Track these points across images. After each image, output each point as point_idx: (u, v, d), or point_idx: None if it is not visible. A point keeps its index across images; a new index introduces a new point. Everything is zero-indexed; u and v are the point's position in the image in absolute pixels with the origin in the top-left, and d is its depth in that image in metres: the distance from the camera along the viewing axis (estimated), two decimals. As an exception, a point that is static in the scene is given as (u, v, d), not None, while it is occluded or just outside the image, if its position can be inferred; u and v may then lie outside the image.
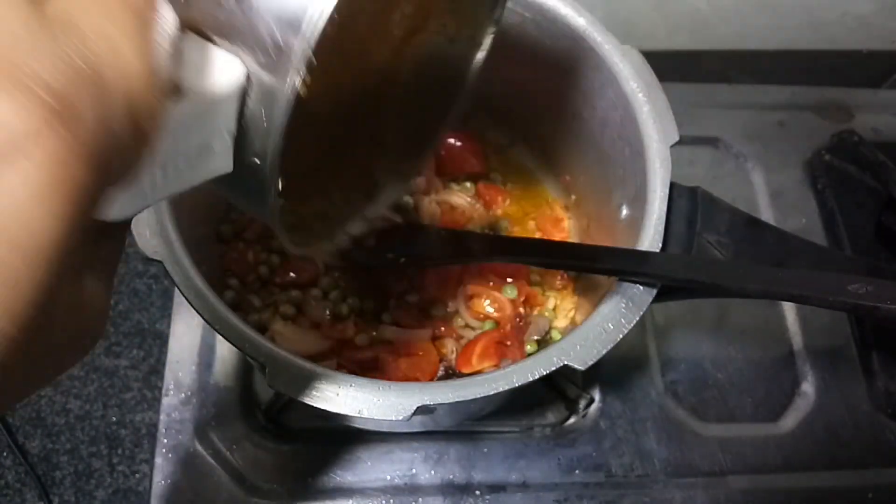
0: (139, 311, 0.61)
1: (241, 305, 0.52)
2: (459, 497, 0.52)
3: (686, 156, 0.68)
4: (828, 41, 0.74)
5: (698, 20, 0.70)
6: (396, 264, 0.53)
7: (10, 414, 0.57)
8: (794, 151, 0.70)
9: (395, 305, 0.54)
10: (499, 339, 0.52)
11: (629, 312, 0.37)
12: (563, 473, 0.54)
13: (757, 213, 0.66)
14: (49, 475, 0.55)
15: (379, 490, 0.52)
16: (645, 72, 0.43)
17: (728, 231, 0.40)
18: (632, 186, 0.44)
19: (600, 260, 0.42)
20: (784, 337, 0.61)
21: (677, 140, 0.41)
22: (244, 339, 0.35)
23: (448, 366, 0.53)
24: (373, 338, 0.52)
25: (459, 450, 0.54)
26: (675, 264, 0.39)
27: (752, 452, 0.56)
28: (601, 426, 0.56)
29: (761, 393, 0.59)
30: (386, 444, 0.54)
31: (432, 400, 0.34)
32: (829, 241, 0.65)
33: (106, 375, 0.59)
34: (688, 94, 0.71)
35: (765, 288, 0.35)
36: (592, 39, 0.44)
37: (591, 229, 0.55)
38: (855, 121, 0.72)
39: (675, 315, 0.61)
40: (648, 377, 0.58)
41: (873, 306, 0.32)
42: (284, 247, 0.25)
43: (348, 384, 0.34)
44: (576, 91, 0.49)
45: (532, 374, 0.35)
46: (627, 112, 0.43)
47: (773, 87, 0.74)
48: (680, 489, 0.54)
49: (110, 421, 0.57)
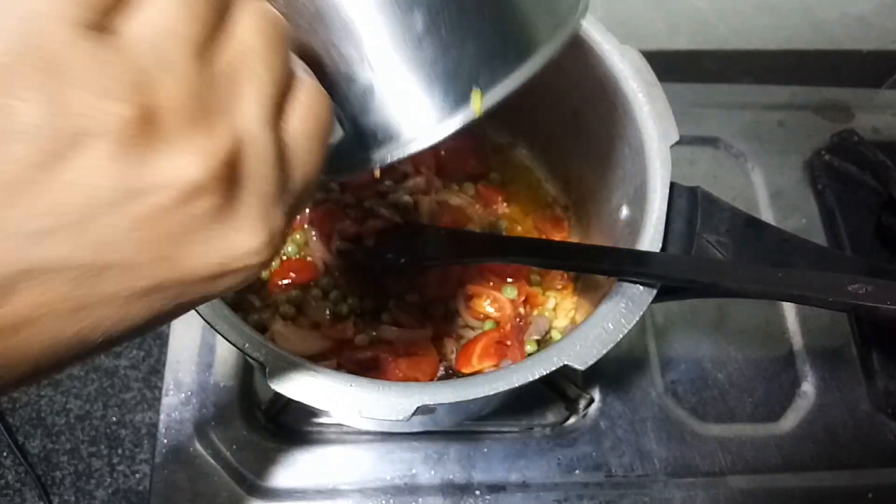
0: (139, 311, 0.62)
1: (241, 305, 0.52)
2: (459, 497, 0.52)
3: (686, 156, 0.68)
4: (828, 41, 0.74)
5: (698, 20, 0.70)
6: (396, 264, 0.53)
7: (10, 414, 0.57)
8: (794, 151, 0.70)
9: (395, 305, 0.54)
10: (499, 339, 0.52)
11: (629, 312, 0.37)
12: (563, 473, 0.54)
13: (757, 213, 0.66)
14: (49, 475, 0.55)
15: (379, 490, 0.52)
16: (645, 72, 0.43)
17: (728, 231, 0.40)
18: (632, 186, 0.44)
19: (600, 260, 0.42)
20: (784, 337, 0.61)
21: (677, 140, 0.41)
22: (244, 339, 0.35)
23: (448, 366, 0.53)
24: (373, 338, 0.52)
25: (459, 450, 0.54)
26: (675, 264, 0.39)
27: (752, 452, 0.56)
28: (601, 426, 0.56)
29: (761, 393, 0.59)
30: (386, 444, 0.54)
31: (432, 400, 0.34)
32: (829, 241, 0.65)
33: (106, 375, 0.59)
34: (688, 94, 0.71)
35: (765, 288, 0.35)
36: (592, 39, 0.44)
37: (591, 229, 0.55)
38: (855, 121, 0.72)
39: (675, 315, 0.61)
40: (648, 377, 0.58)
41: (873, 306, 0.32)
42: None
43: (348, 384, 0.34)
44: (576, 91, 0.48)
45: (532, 374, 0.35)
46: (627, 112, 0.43)
47: (773, 87, 0.74)
48: (680, 489, 0.54)
49: (110, 421, 0.57)
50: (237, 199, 0.19)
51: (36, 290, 0.16)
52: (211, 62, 0.18)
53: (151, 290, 0.18)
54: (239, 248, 0.19)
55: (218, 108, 0.18)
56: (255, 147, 0.19)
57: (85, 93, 0.16)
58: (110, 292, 0.18)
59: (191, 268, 0.19)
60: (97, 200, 0.16)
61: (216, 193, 0.18)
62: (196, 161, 0.17)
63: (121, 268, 0.17)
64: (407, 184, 0.58)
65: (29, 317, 0.17)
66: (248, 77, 0.19)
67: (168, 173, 0.17)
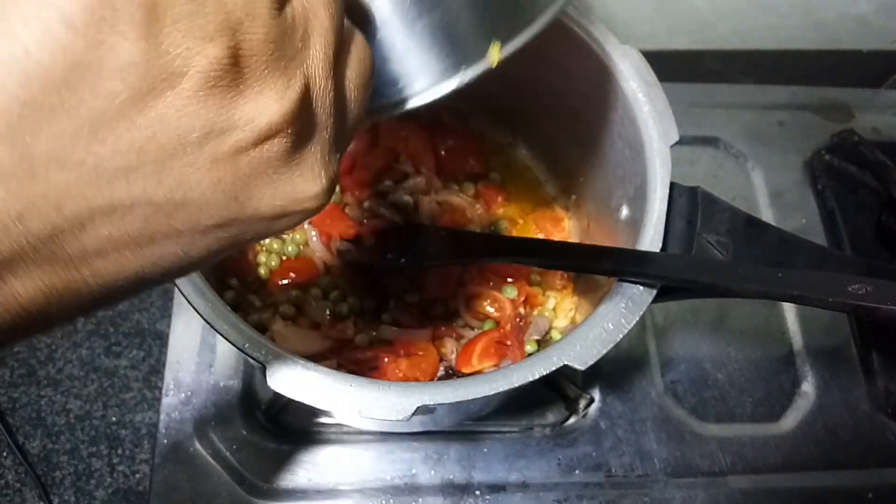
0: (139, 311, 0.61)
1: (241, 305, 0.52)
2: (459, 497, 0.52)
3: (686, 156, 0.68)
4: (828, 41, 0.74)
5: (698, 20, 0.70)
6: (396, 264, 0.53)
7: (10, 414, 0.57)
8: (794, 151, 0.70)
9: (395, 305, 0.54)
10: (499, 339, 0.52)
11: (629, 312, 0.37)
12: (563, 473, 0.54)
13: (757, 213, 0.66)
14: (49, 475, 0.55)
15: (379, 490, 0.52)
16: (645, 72, 0.43)
17: (728, 231, 0.40)
18: (632, 186, 0.44)
19: (600, 260, 0.42)
20: (784, 337, 0.61)
21: (677, 140, 0.41)
22: (244, 339, 0.35)
23: (448, 366, 0.53)
24: (373, 338, 0.52)
25: (459, 450, 0.54)
26: (675, 264, 0.39)
27: (752, 452, 0.56)
28: (601, 426, 0.56)
29: (761, 393, 0.59)
30: (386, 444, 0.54)
31: (432, 400, 0.34)
32: (829, 241, 0.65)
33: (106, 375, 0.59)
34: (688, 94, 0.71)
35: (765, 288, 0.35)
36: (592, 39, 0.44)
37: (591, 229, 0.55)
38: (855, 121, 0.72)
39: (675, 315, 0.61)
40: (648, 377, 0.58)
41: (873, 307, 0.32)
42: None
43: (348, 384, 0.34)
44: (576, 91, 0.48)
45: (532, 374, 0.35)
46: (627, 112, 0.43)
47: (773, 87, 0.74)
48: (680, 489, 0.54)
49: (110, 421, 0.57)
50: (304, 144, 0.20)
51: (110, 226, 0.17)
52: (285, 12, 0.19)
53: (216, 228, 0.19)
54: (302, 191, 0.20)
55: (292, 56, 0.19)
56: (321, 95, 0.20)
57: (181, 34, 0.16)
58: (178, 230, 0.18)
59: (255, 209, 0.19)
60: (180, 139, 0.17)
61: (289, 137, 0.19)
62: (274, 104, 0.18)
63: (193, 206, 0.18)
64: (407, 184, 0.58)
65: (97, 251, 0.17)
66: (316, 28, 0.19)
67: (249, 114, 0.18)
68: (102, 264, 0.17)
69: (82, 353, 0.60)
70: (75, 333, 0.60)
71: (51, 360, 0.59)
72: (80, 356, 0.59)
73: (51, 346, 0.60)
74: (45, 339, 0.60)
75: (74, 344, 0.60)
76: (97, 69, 0.15)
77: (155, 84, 0.16)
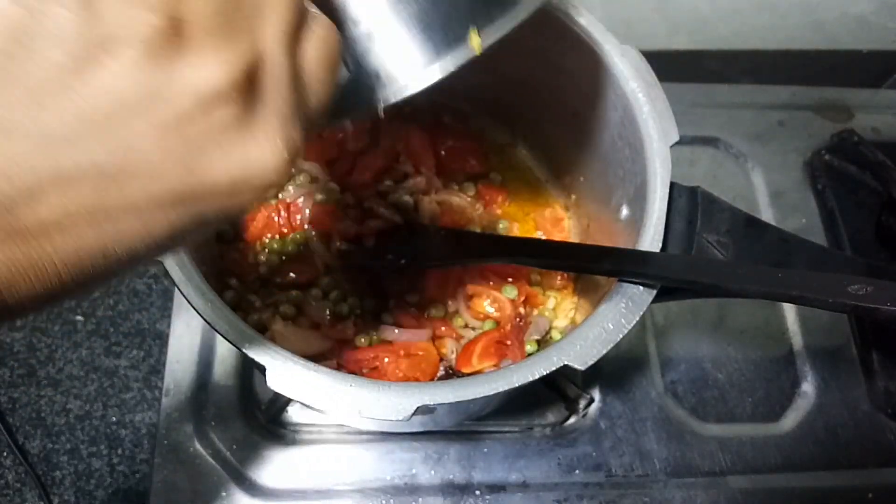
0: (139, 311, 0.62)
1: (241, 305, 0.52)
2: (459, 497, 0.52)
3: (686, 156, 0.68)
4: (828, 41, 0.74)
5: (698, 20, 0.70)
6: (396, 264, 0.53)
7: (10, 414, 0.57)
8: (794, 151, 0.70)
9: (395, 305, 0.54)
10: (499, 339, 0.52)
11: (629, 312, 0.37)
12: (563, 473, 0.54)
13: (757, 213, 0.66)
14: (49, 475, 0.55)
15: (379, 490, 0.52)
16: (645, 72, 0.43)
17: (728, 231, 0.40)
18: (632, 186, 0.44)
19: (600, 260, 0.42)
20: (784, 337, 0.61)
21: (677, 140, 0.41)
22: (244, 339, 0.35)
23: (448, 366, 0.53)
24: (373, 338, 0.52)
25: (459, 450, 0.54)
26: (675, 264, 0.39)
27: (752, 452, 0.56)
28: (601, 426, 0.56)
29: (761, 393, 0.59)
30: (386, 444, 0.54)
31: (432, 400, 0.34)
32: (829, 241, 0.65)
33: (106, 375, 0.59)
34: (688, 94, 0.71)
35: (765, 288, 0.35)
36: (592, 39, 0.44)
37: (591, 229, 0.55)
38: (855, 121, 0.72)
39: (675, 315, 0.61)
40: (648, 377, 0.58)
41: (873, 307, 0.32)
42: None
43: (348, 384, 0.34)
44: (576, 91, 0.48)
45: (532, 374, 0.35)
46: (627, 112, 0.43)
47: (773, 87, 0.74)
48: (680, 489, 0.54)
49: (110, 421, 0.57)
50: (256, 113, 0.20)
51: (63, 196, 0.17)
52: None
53: (173, 200, 0.19)
54: (256, 159, 0.20)
55: (241, 28, 0.19)
56: (273, 66, 0.20)
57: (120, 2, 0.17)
58: (132, 200, 0.18)
59: (211, 178, 0.19)
60: (123, 106, 0.17)
61: (236, 103, 0.19)
62: (217, 70, 0.18)
63: (144, 175, 0.18)
64: (407, 184, 0.58)
65: (56, 225, 0.17)
66: (270, 4, 0.20)
67: (191, 80, 0.18)
68: (62, 239, 0.17)
69: (82, 353, 0.60)
70: (75, 333, 0.60)
71: (51, 360, 0.59)
72: (80, 356, 0.59)
73: (51, 346, 0.60)
74: (45, 339, 0.60)
75: (74, 344, 0.60)
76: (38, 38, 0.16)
77: (94, 52, 0.16)
